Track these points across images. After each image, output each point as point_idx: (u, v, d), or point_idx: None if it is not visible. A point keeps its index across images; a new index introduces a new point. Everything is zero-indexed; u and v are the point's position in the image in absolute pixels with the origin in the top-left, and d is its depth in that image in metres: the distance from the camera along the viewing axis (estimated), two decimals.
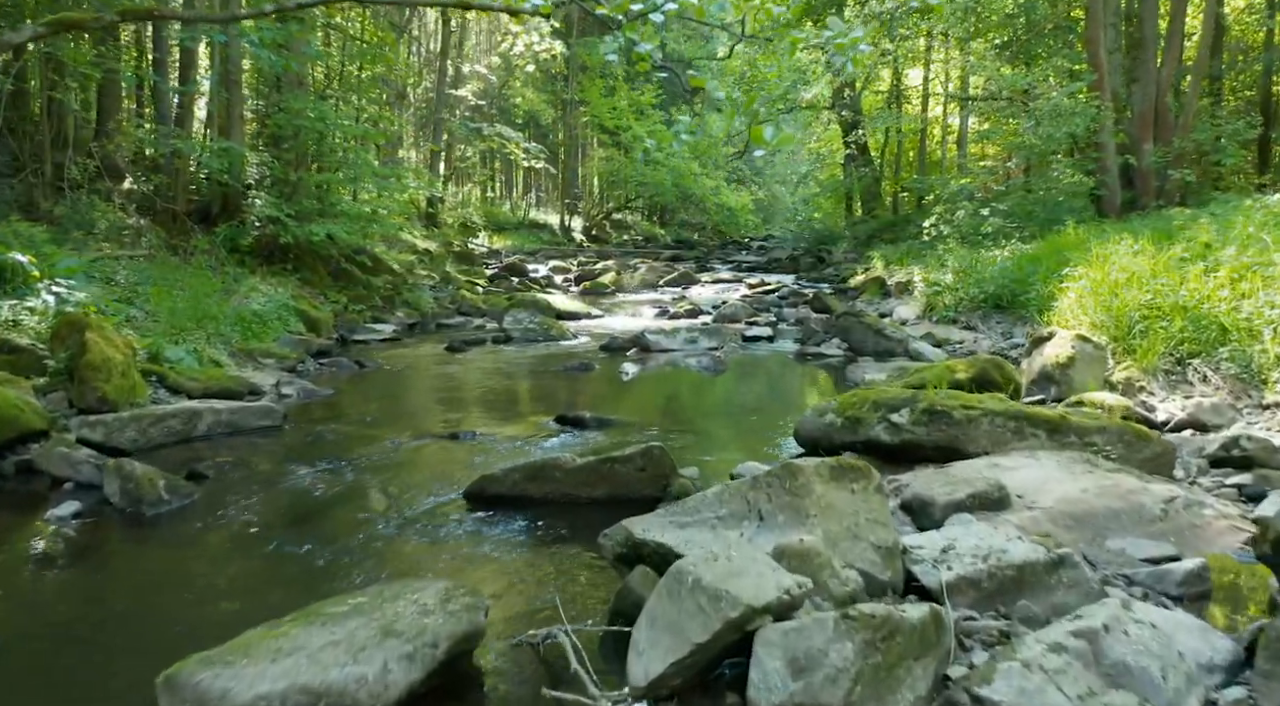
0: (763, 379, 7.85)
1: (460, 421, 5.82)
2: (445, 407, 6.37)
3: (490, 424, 5.72)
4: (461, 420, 5.86)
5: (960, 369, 5.75)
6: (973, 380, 5.65)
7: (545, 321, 10.12)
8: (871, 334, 8.75)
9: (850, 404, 4.42)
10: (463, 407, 6.39)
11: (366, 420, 5.84)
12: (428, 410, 6.30)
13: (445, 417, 6.00)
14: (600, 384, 7.42)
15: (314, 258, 11.41)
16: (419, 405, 6.48)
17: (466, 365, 8.26)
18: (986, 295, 9.56)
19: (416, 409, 6.35)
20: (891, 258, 14.66)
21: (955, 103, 17.61)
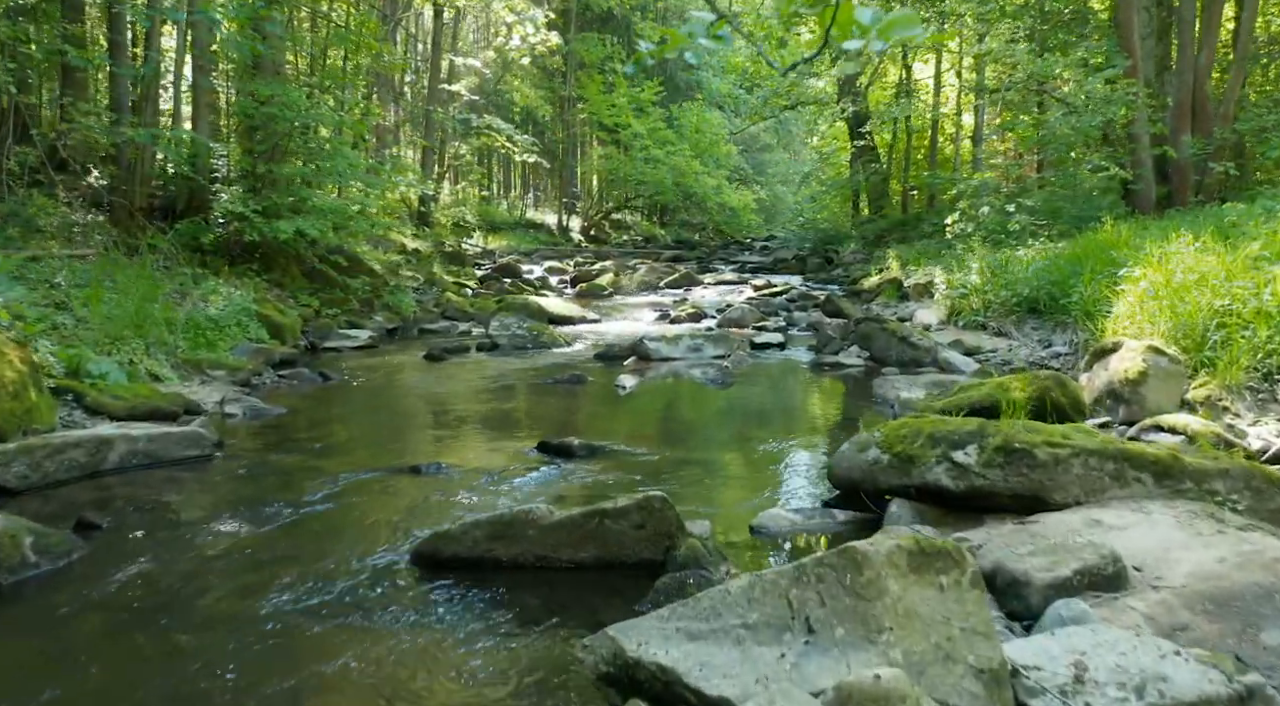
0: (777, 394, 6.97)
1: (426, 448, 4.95)
2: (412, 430, 5.49)
3: (461, 452, 4.85)
4: (428, 447, 4.99)
5: (1016, 387, 4.88)
6: (1032, 401, 4.78)
7: (535, 327, 9.24)
8: (896, 342, 7.87)
9: (899, 436, 3.54)
10: (432, 430, 5.51)
11: (315, 447, 4.95)
12: (391, 433, 5.42)
13: (410, 443, 5.12)
14: (593, 400, 6.54)
15: (286, 258, 10.54)
16: (382, 427, 5.60)
17: (444, 377, 7.39)
18: (1020, 299, 8.68)
19: (378, 432, 5.47)
20: (907, 257, 13.78)
21: (969, 96, 16.74)
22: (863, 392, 6.74)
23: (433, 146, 23.49)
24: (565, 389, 6.81)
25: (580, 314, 11.80)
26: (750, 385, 7.15)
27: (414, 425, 5.64)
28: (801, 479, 4.21)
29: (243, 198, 9.58)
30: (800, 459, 4.62)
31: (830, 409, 6.34)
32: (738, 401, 6.54)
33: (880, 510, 3.51)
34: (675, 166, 29.62)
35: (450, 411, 6.12)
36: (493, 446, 5.00)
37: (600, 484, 4.12)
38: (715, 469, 4.46)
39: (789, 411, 6.17)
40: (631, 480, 4.19)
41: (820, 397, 6.82)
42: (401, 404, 6.36)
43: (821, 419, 5.99)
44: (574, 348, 9.20)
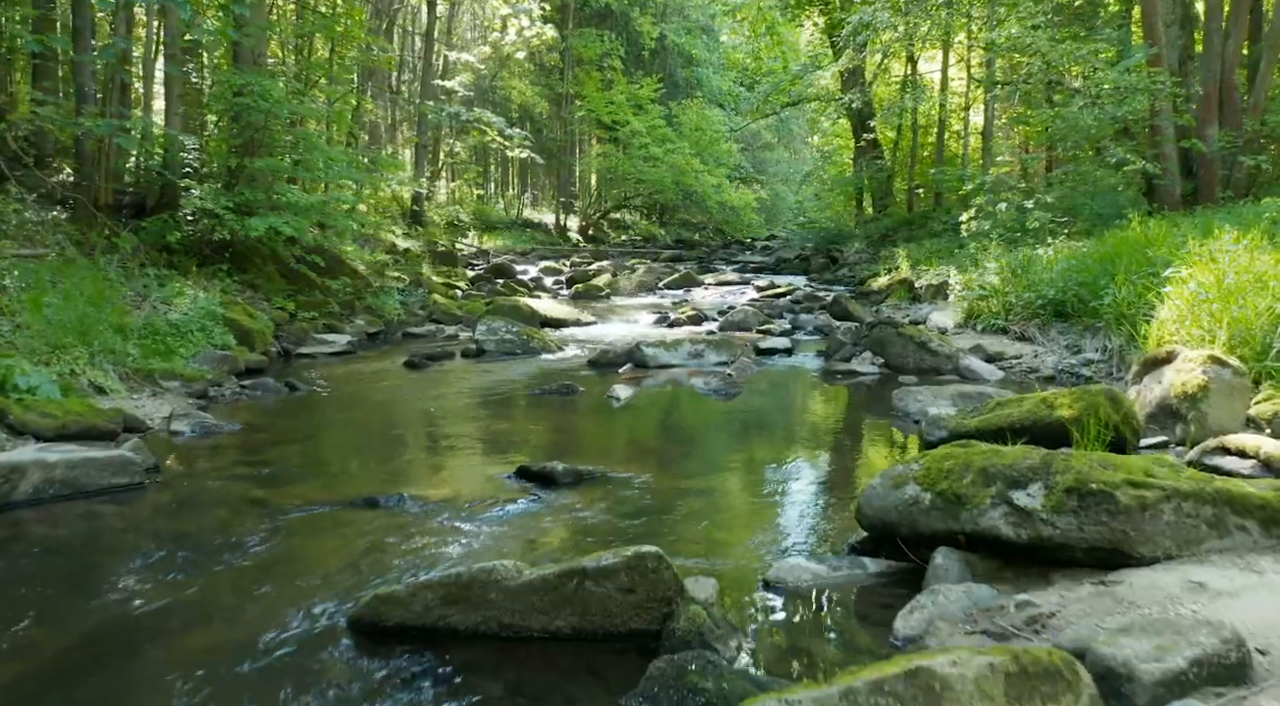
0: (787, 406, 6.37)
1: (390, 474, 4.34)
2: (377, 451, 4.88)
3: (429, 479, 4.24)
4: (393, 472, 4.38)
5: (1063, 404, 4.28)
6: (1078, 419, 4.18)
7: (525, 331, 8.64)
8: (913, 348, 7.27)
9: (942, 470, 2.94)
10: (401, 451, 4.90)
11: (264, 473, 4.35)
12: (353, 455, 4.81)
13: (373, 468, 4.51)
14: (583, 414, 5.94)
15: (263, 258, 9.94)
16: (344, 448, 5.00)
17: (423, 387, 6.78)
18: (1045, 301, 8.08)
19: (339, 453, 4.86)
20: (916, 257, 13.18)
21: (979, 89, 16.13)
22: (881, 405, 6.13)
23: (426, 144, 22.90)
24: (553, 401, 6.21)
25: (574, 316, 11.21)
26: (756, 396, 6.55)
27: (381, 445, 5.04)
28: (822, 515, 3.61)
29: (214, 194, 8.98)
30: (818, 489, 4.01)
31: (847, 425, 5.73)
32: (743, 415, 5.93)
33: (921, 560, 2.91)
34: (675, 165, 29.01)
35: (424, 427, 5.52)
36: (466, 471, 4.40)
37: (585, 522, 3.52)
38: (719, 501, 3.85)
39: (801, 428, 5.56)
40: (621, 516, 3.59)
41: (834, 411, 6.21)
42: (371, 419, 5.76)
43: (839, 437, 5.38)
44: (566, 353, 8.60)
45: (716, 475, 4.33)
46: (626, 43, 33.14)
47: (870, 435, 5.34)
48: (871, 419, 5.79)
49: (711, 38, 38.49)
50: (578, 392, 6.45)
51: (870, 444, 5.12)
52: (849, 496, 3.81)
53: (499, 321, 8.74)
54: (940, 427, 4.62)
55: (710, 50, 37.98)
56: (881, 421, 5.64)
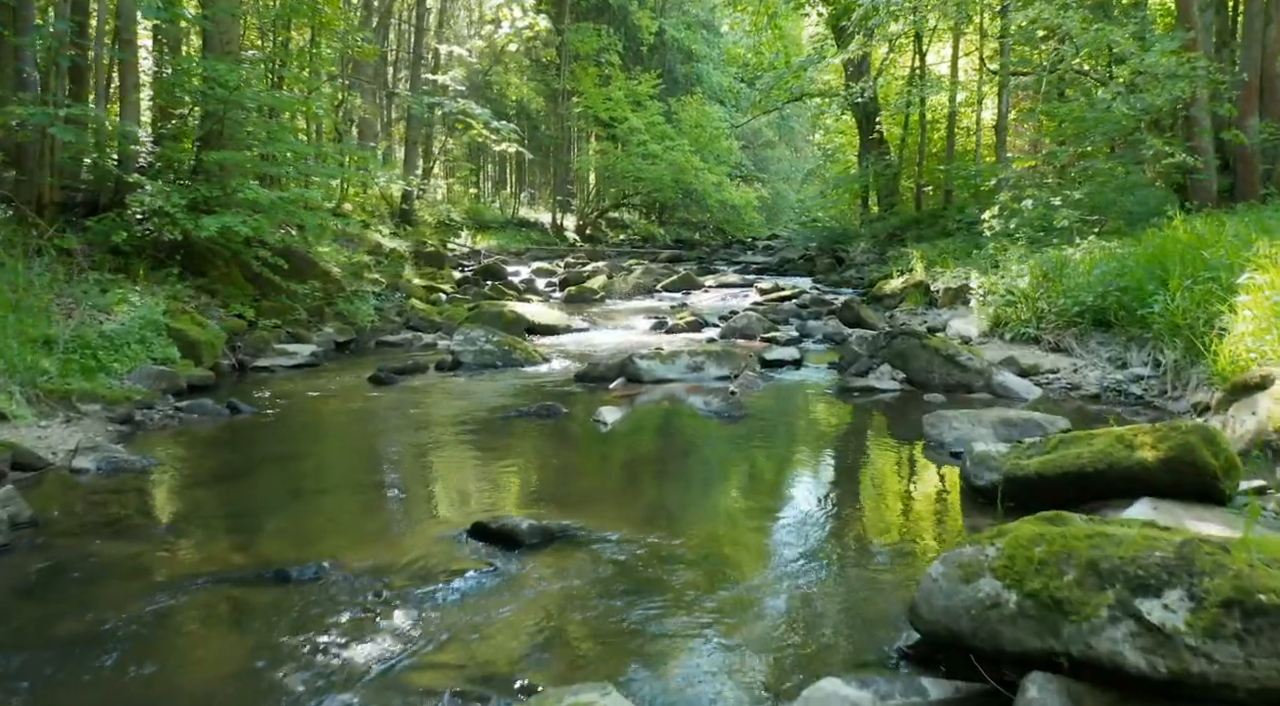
0: (800, 434, 5.55)
1: (316, 531, 3.53)
2: (308, 499, 4.06)
3: (360, 539, 3.43)
4: (319, 530, 3.57)
5: (1145, 442, 3.47)
6: (1167, 463, 3.38)
7: (506, 341, 7.83)
8: (940, 361, 6.46)
9: (1030, 559, 2.14)
10: (336, 499, 4.08)
11: (163, 527, 3.55)
12: (278, 504, 3.99)
13: (296, 521, 3.70)
14: (563, 443, 5.12)
15: (225, 260, 9.13)
16: (270, 492, 4.17)
17: (385, 408, 5.97)
18: (1083, 307, 7.27)
19: (262, 500, 4.04)
20: (930, 258, 12.37)
21: (993, 81, 15.31)
22: (908, 430, 5.33)
23: (416, 140, 22.10)
24: (531, 425, 5.40)
25: (565, 322, 10.40)
26: (764, 419, 5.74)
27: (316, 489, 4.22)
28: (858, 601, 2.80)
29: (165, 190, 8.17)
30: (850, 558, 3.20)
31: (873, 460, 4.91)
32: (749, 445, 5.12)
33: (1002, 682, 2.11)
34: (674, 162, 28.19)
35: (374, 464, 4.71)
36: (410, 527, 3.59)
37: (546, 611, 2.71)
38: (725, 575, 3.03)
39: (818, 464, 4.74)
40: (595, 599, 2.78)
41: (856, 440, 5.39)
42: (314, 452, 4.95)
43: (865, 477, 4.56)
44: (552, 365, 7.79)
45: (719, 533, 3.52)
46: (624, 37, 32.32)
47: (903, 475, 4.53)
48: (900, 450, 4.97)
49: (711, 33, 37.69)
50: (560, 415, 5.64)
51: (906, 489, 4.31)
52: (888, 569, 3.01)
53: (478, 330, 7.93)
54: (989, 469, 3.81)
55: (710, 45, 37.17)
56: (913, 453, 4.84)
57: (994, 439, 4.76)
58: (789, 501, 3.94)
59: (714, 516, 3.75)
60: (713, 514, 3.79)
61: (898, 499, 4.03)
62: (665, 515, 3.75)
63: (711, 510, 3.84)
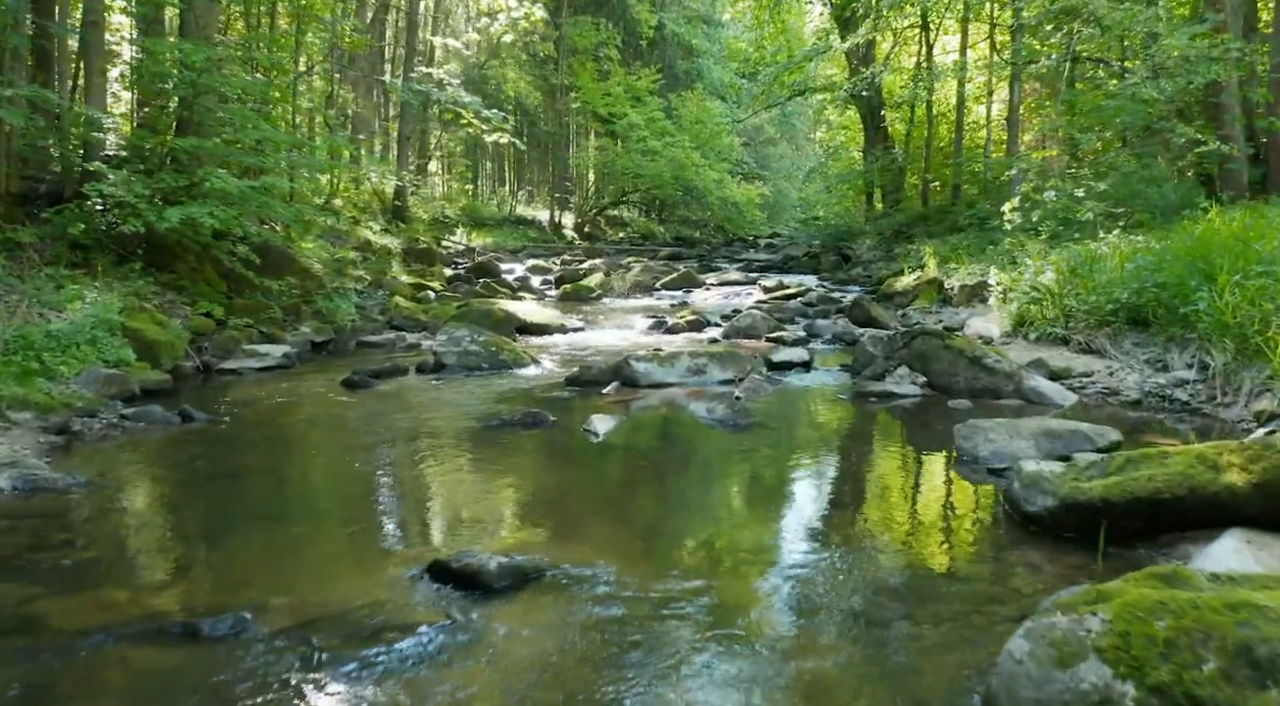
0: (814, 446, 4.98)
1: (247, 572, 2.97)
2: (247, 527, 3.48)
3: (298, 581, 2.87)
4: (249, 569, 3.00)
5: (1231, 462, 2.93)
6: (1262, 488, 2.83)
7: (493, 342, 7.27)
8: (964, 364, 5.91)
9: (1151, 637, 1.59)
10: (278, 527, 3.49)
11: (61, 566, 2.98)
12: (210, 534, 3.42)
13: (227, 557, 3.13)
14: (548, 457, 4.56)
15: (195, 255, 8.57)
16: (204, 519, 3.60)
17: (356, 416, 5.42)
18: (1117, 305, 6.71)
19: (193, 529, 3.48)
20: (943, 254, 11.82)
21: (1004, 72, 14.74)
22: (935, 441, 4.77)
23: (409, 134, 21.54)
24: (513, 436, 4.84)
25: (559, 321, 9.84)
26: (772, 428, 5.17)
27: (258, 514, 3.65)
28: (905, 679, 2.23)
29: (127, 180, 7.61)
30: (889, 616, 2.62)
31: (900, 476, 4.34)
32: (757, 459, 4.56)
33: None
34: (674, 159, 27.62)
35: (329, 483, 4.14)
36: (358, 564, 3.02)
37: (512, 680, 2.15)
38: (733, 636, 2.46)
39: (837, 482, 4.16)
40: (573, 666, 2.22)
41: (877, 453, 4.82)
42: (265, 468, 4.38)
43: (893, 499, 4.00)
44: (542, 367, 7.24)
45: (725, 574, 2.96)
46: (624, 32, 31.74)
47: (937, 498, 3.96)
48: (930, 466, 4.41)
49: (712, 27, 37.10)
50: (547, 424, 5.08)
51: (943, 516, 3.74)
52: (938, 629, 2.45)
53: (463, 330, 7.37)
54: (1043, 492, 3.26)
55: (711, 40, 36.58)
56: (945, 470, 4.28)
57: (1036, 452, 4.21)
58: (806, 533, 3.38)
59: (719, 552, 3.18)
60: (717, 548, 3.23)
61: (935, 529, 3.46)
62: (662, 549, 3.19)
63: (716, 544, 3.28)
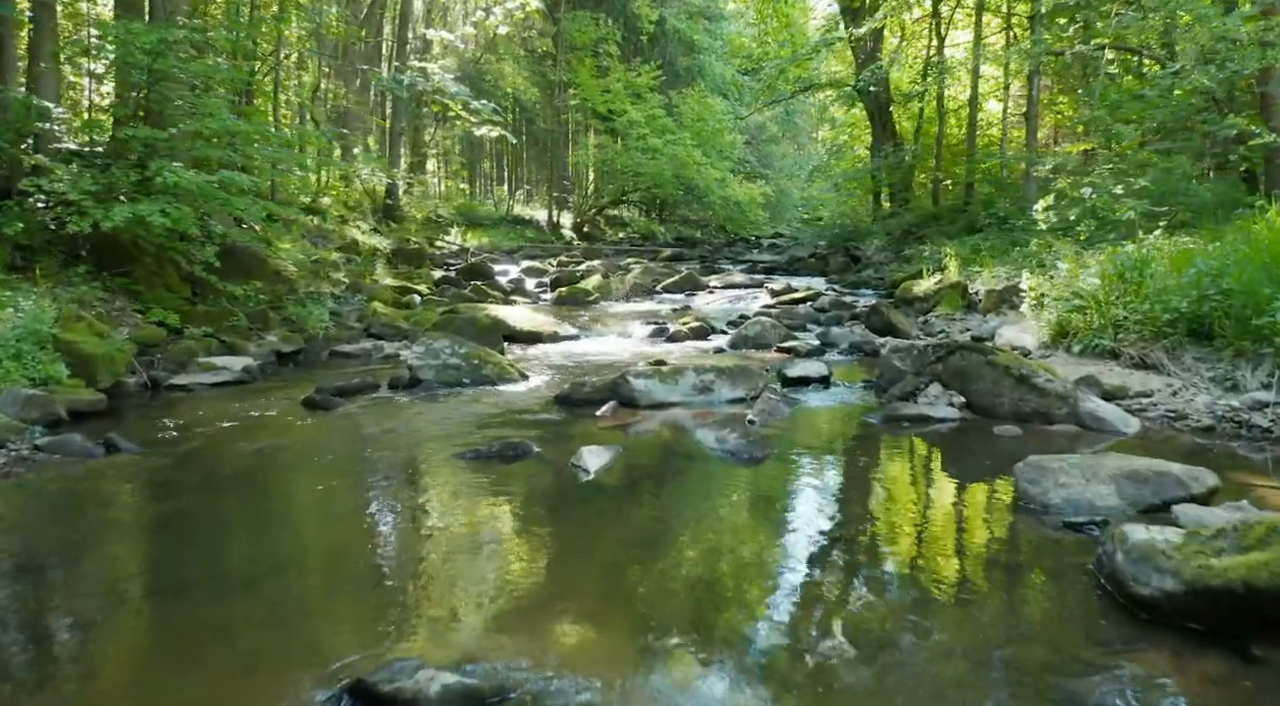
0: (847, 487, 4.22)
1: (87, 692, 2.23)
2: (124, 611, 2.72)
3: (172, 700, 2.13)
4: (98, 684, 2.26)
5: None
6: None
7: (476, 354, 6.54)
8: (1010, 383, 5.17)
9: None
10: (163, 614, 2.71)
11: None
12: (71, 624, 2.66)
13: (77, 660, 2.39)
14: (530, 502, 3.81)
15: (154, 257, 7.84)
16: (71, 598, 2.84)
17: (308, 446, 4.68)
18: (1175, 315, 5.97)
19: (68, 608, 2.73)
20: (962, 255, 11.08)
21: (1021, 63, 13.98)
22: (988, 478, 4.03)
23: (401, 130, 20.80)
24: (489, 473, 4.10)
25: (552, 329, 9.10)
26: (793, 461, 4.43)
27: (154, 589, 2.89)
28: None
29: (77, 175, 6.89)
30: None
31: (960, 535, 3.57)
32: (780, 506, 3.81)
33: None
34: (675, 157, 26.88)
35: (250, 546, 3.38)
36: (252, 678, 2.27)
37: None
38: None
39: (882, 543, 3.39)
40: None
41: (925, 499, 4.05)
42: (185, 518, 3.62)
43: (956, 567, 3.24)
44: (530, 382, 6.50)
45: (747, 686, 2.21)
46: (623, 28, 31.02)
47: (1009, 564, 3.19)
48: (990, 516, 3.65)
49: (714, 23, 36.36)
50: (529, 455, 4.35)
51: (1022, 592, 2.99)
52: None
53: (443, 340, 6.63)
54: (1159, 570, 2.52)
55: (713, 36, 35.84)
56: (1009, 520, 3.53)
57: (1118, 499, 3.48)
58: (847, 619, 2.64)
59: (737, 652, 2.44)
60: (735, 645, 2.48)
61: (1016, 616, 2.72)
62: (664, 646, 2.44)
63: (734, 639, 2.53)
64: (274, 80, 13.83)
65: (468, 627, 2.50)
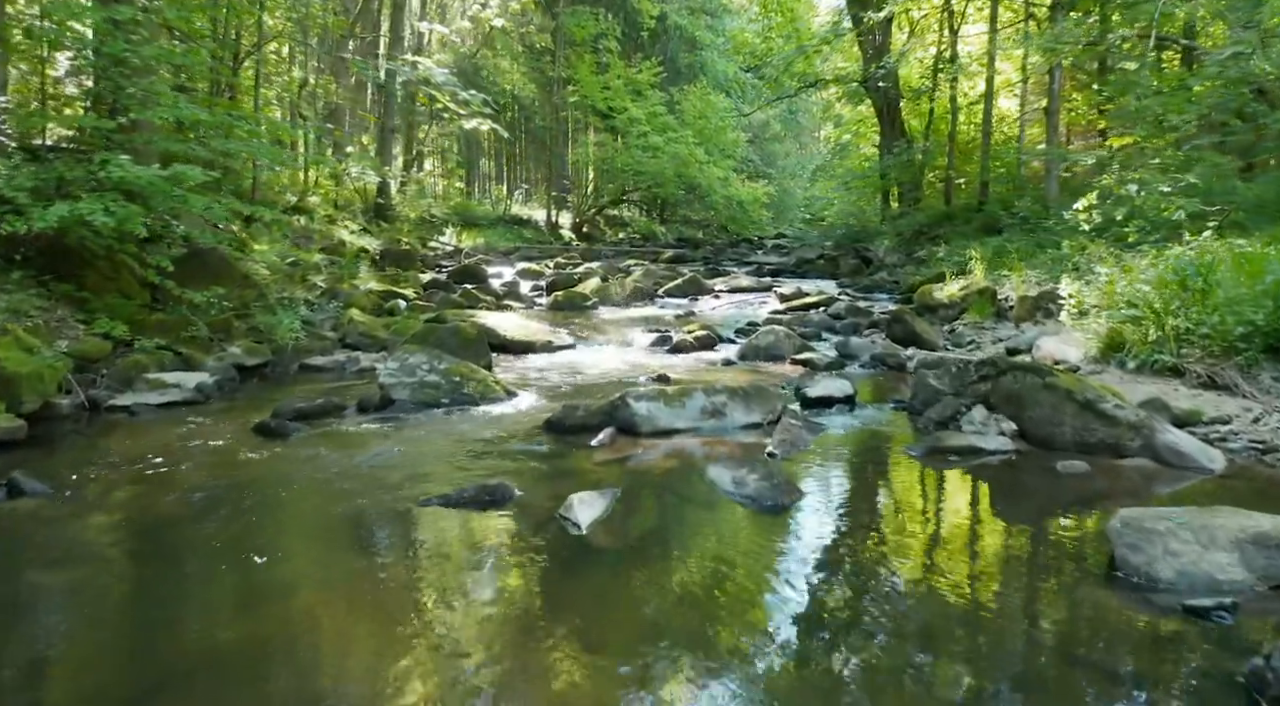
0: (895, 546, 3.48)
1: None
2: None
3: None
4: None
5: None
6: None
7: (457, 370, 5.82)
8: (1073, 409, 4.45)
9: None
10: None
11: None
12: None
13: None
14: (505, 570, 3.08)
15: (108, 260, 7.12)
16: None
17: (252, 486, 3.95)
18: (1250, 328, 5.26)
19: None
20: (984, 257, 10.36)
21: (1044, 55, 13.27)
22: (1067, 534, 3.31)
23: (392, 127, 20.06)
24: (458, 526, 3.39)
25: (545, 337, 8.39)
26: (827, 510, 3.70)
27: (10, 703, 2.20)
28: None
29: (14, 168, 6.17)
30: None
31: (1052, 623, 2.80)
32: (818, 578, 3.08)
33: None
34: (676, 155, 26.15)
35: (148, 635, 2.66)
36: None
37: None
38: None
39: (950, 624, 2.66)
40: None
41: (993, 564, 3.30)
42: (78, 590, 2.90)
43: (1057, 674, 2.52)
44: (517, 403, 5.78)
45: None
46: (623, 23, 30.29)
47: (1124, 675, 2.45)
48: (1081, 591, 2.90)
49: (716, 19, 35.63)
50: (509, 500, 3.64)
51: None
52: None
53: (420, 355, 5.90)
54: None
55: (715, 33, 35.12)
56: (1107, 599, 2.80)
57: (1245, 571, 2.79)
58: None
59: None
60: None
61: None
62: None
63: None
64: (256, 73, 13.11)
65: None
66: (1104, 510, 3.56)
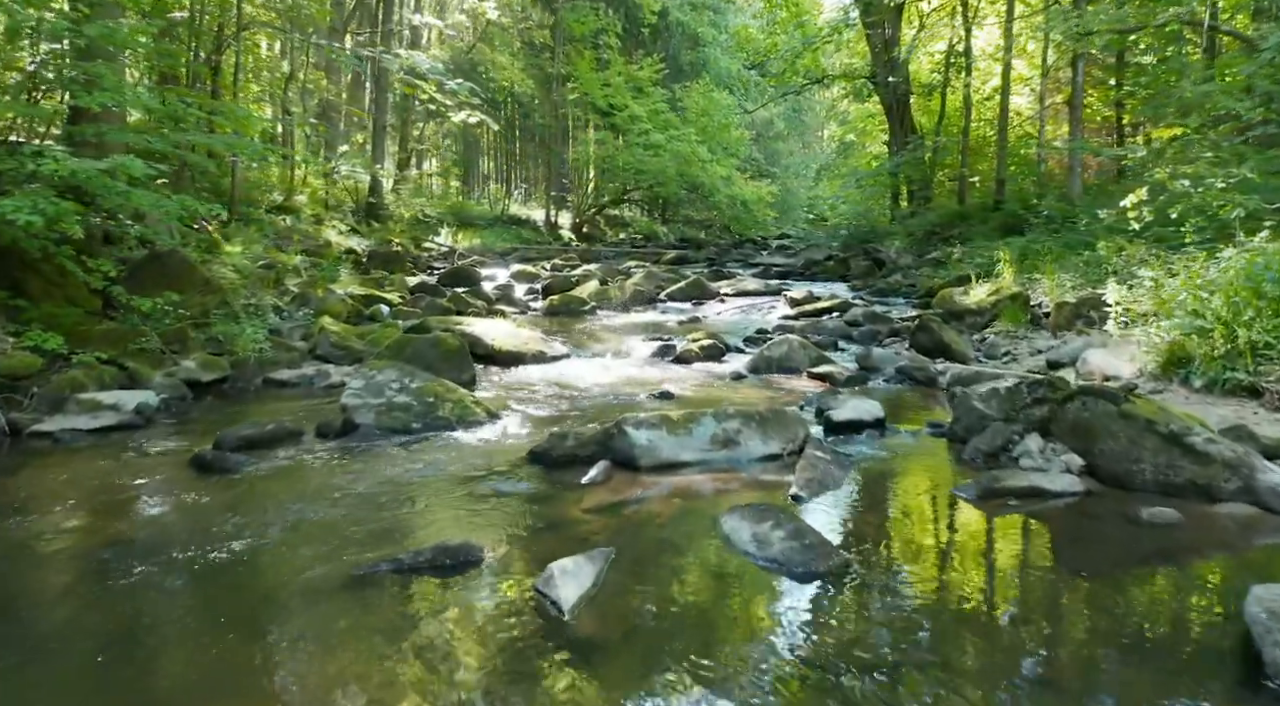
0: (958, 635, 2.78)
1: None
2: None
3: None
4: None
5: None
6: None
7: (431, 390, 5.12)
8: (1154, 443, 3.73)
9: None
10: None
11: None
12: None
13: None
14: (454, 684, 2.38)
15: (52, 264, 6.42)
16: None
17: (173, 541, 3.25)
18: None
19: None
20: (1010, 258, 9.64)
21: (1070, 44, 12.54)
22: (1177, 613, 2.60)
23: (384, 124, 19.38)
24: (405, 606, 2.68)
25: (537, 347, 7.68)
26: (869, 575, 2.98)
27: None
28: None
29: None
30: None
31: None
32: (877, 682, 2.37)
33: None
34: (679, 153, 25.45)
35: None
36: None
37: None
38: None
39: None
40: None
41: (1086, 656, 2.60)
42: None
43: None
44: (499, 426, 5.07)
45: None
46: (624, 19, 29.60)
47: None
48: (1210, 694, 2.21)
49: (719, 15, 34.92)
50: (473, 565, 2.94)
51: None
52: None
53: (390, 372, 5.20)
54: None
55: (718, 29, 34.42)
56: None
57: None
58: None
59: None
60: None
61: None
62: None
63: None
64: (235, 63, 12.42)
65: None
66: (1217, 577, 2.86)
